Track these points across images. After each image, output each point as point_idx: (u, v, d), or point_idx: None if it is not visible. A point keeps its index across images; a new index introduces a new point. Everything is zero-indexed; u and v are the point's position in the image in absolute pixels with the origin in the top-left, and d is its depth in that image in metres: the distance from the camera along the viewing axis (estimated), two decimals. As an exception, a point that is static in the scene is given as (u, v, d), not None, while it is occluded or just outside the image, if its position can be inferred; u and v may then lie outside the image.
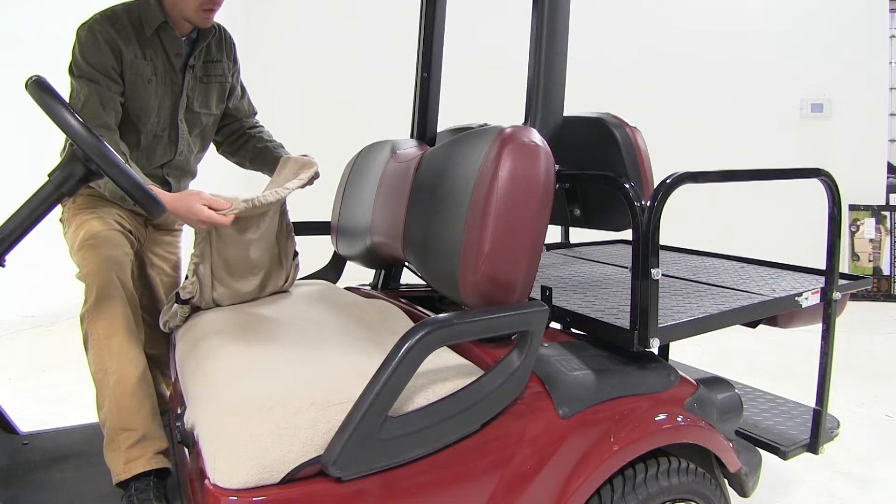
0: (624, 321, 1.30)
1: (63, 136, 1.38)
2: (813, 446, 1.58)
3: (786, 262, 1.92)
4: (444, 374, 1.14)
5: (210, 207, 1.46)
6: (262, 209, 1.56)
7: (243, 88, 1.96)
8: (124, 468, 1.37)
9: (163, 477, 1.42)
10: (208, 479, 0.97)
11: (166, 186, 1.83)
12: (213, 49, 1.78)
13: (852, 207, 4.80)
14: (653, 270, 1.21)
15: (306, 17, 5.34)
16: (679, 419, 1.26)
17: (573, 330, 1.49)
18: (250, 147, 1.95)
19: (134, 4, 1.64)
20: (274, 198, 1.53)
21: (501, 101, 3.26)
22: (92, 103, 1.54)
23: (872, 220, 4.80)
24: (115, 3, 1.64)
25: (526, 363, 1.15)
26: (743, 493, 1.44)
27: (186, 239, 1.93)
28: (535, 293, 1.44)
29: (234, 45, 1.87)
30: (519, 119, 1.40)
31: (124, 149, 1.60)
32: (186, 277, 1.60)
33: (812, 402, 1.63)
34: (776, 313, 1.54)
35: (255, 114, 2.01)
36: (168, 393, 1.81)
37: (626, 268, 1.81)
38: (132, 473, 1.37)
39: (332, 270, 2.12)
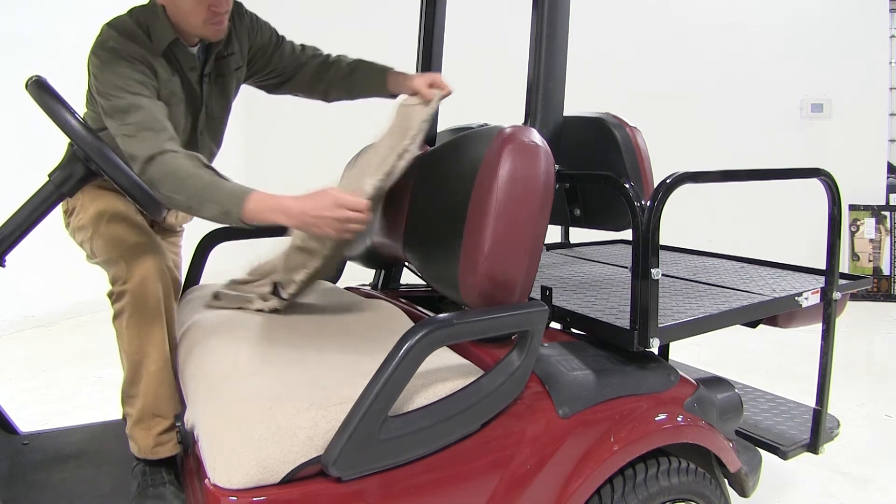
0: (624, 321, 1.30)
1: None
2: (813, 446, 1.58)
3: (786, 262, 1.92)
4: (444, 374, 1.14)
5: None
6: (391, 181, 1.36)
7: (278, 39, 1.73)
8: (152, 451, 1.41)
9: (173, 462, 1.46)
10: (208, 479, 0.97)
11: None
12: (223, 44, 1.61)
13: (852, 207, 4.80)
14: (653, 270, 1.21)
15: (306, 16, 5.34)
16: (679, 419, 1.26)
17: (573, 330, 1.49)
18: (333, 83, 1.75)
19: (140, 13, 1.47)
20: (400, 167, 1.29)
21: (501, 101, 3.25)
22: (148, 115, 1.33)
23: (872, 220, 4.80)
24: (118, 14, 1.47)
25: (526, 363, 1.15)
26: (743, 493, 1.44)
27: (187, 240, 1.93)
28: (535, 293, 1.44)
29: (249, 20, 1.67)
30: (519, 119, 1.40)
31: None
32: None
33: (812, 402, 1.63)
34: (776, 313, 1.55)
35: (303, 48, 1.77)
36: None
37: (626, 268, 1.81)
38: (158, 457, 1.42)
39: (332, 270, 2.12)
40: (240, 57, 1.67)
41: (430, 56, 1.94)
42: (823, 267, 1.61)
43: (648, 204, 1.21)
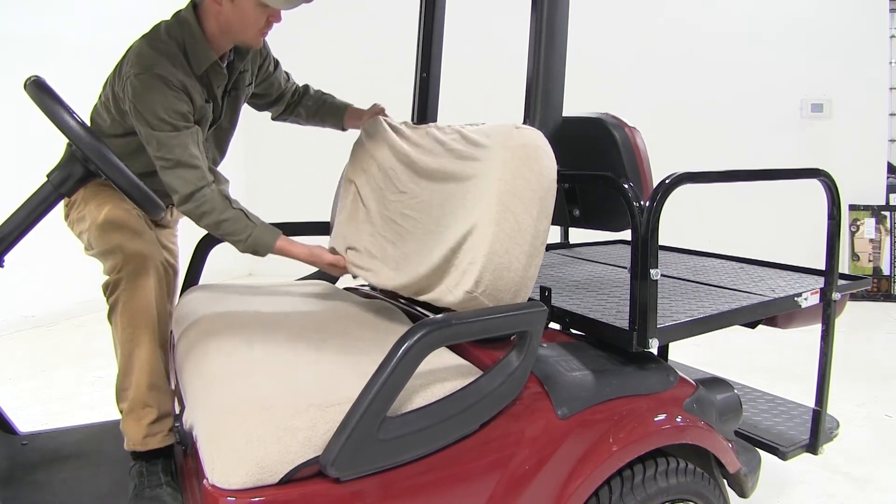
0: (623, 322, 1.30)
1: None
2: (812, 447, 1.58)
3: (785, 263, 1.92)
4: (442, 374, 1.14)
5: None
6: None
7: (276, 64, 1.85)
8: (142, 442, 1.44)
9: (169, 454, 1.47)
10: (206, 479, 0.97)
11: None
12: (243, 60, 1.69)
13: (852, 207, 4.80)
14: (652, 271, 1.21)
15: (306, 16, 5.34)
16: (678, 420, 1.26)
17: (572, 330, 1.49)
18: (303, 113, 1.93)
19: (177, 32, 1.49)
20: None
21: (501, 101, 3.26)
22: (186, 151, 1.44)
23: (872, 220, 4.80)
24: (151, 31, 1.51)
25: (525, 364, 1.15)
26: (742, 494, 1.44)
27: (188, 240, 1.93)
28: (535, 293, 1.44)
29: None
30: (518, 119, 1.40)
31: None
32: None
33: (812, 403, 1.63)
34: (775, 314, 1.54)
35: (289, 78, 1.92)
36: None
37: (626, 268, 1.81)
38: (148, 448, 1.44)
39: (332, 270, 2.12)
40: (250, 74, 1.75)
41: (429, 56, 1.94)
42: (823, 267, 1.61)
43: (647, 204, 1.21)
